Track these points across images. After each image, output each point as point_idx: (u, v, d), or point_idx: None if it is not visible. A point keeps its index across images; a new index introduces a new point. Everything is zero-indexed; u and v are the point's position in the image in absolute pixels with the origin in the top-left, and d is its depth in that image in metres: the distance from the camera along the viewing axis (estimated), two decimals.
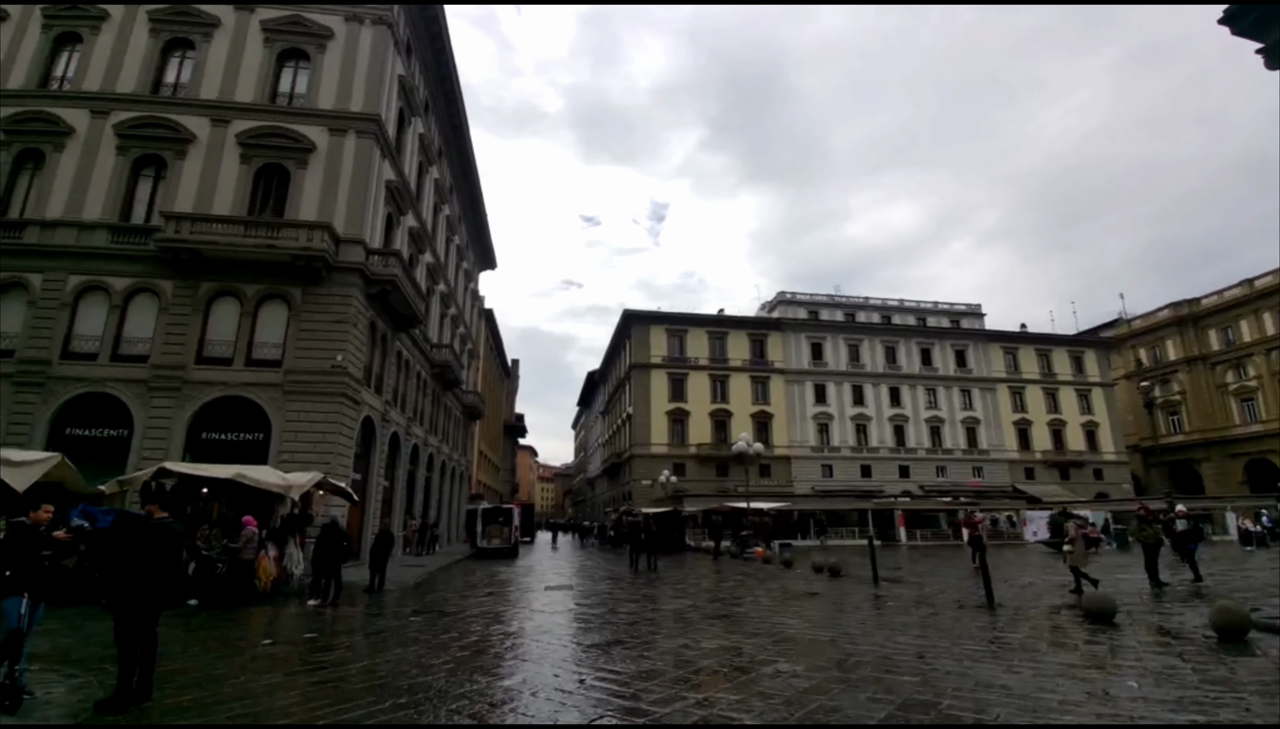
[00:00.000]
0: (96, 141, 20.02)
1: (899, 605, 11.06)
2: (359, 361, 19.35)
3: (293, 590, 13.23)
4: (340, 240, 19.07)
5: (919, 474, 55.61)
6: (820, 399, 56.22)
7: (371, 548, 14.73)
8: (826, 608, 10.89)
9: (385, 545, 14.46)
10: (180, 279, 18.48)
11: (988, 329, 62.26)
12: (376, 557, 14.23)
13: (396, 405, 24.27)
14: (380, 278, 19.68)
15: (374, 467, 21.48)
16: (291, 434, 17.54)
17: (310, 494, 14.37)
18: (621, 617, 10.05)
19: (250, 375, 17.93)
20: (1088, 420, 61.19)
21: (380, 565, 14.17)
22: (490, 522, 29.54)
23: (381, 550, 14.31)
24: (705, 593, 13.47)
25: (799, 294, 62.20)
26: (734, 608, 10.89)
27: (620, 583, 16.04)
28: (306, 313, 18.50)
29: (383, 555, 14.28)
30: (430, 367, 29.70)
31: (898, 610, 10.42)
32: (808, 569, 18.93)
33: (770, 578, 16.67)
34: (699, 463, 52.01)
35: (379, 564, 14.14)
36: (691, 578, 17.45)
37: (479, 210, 40.99)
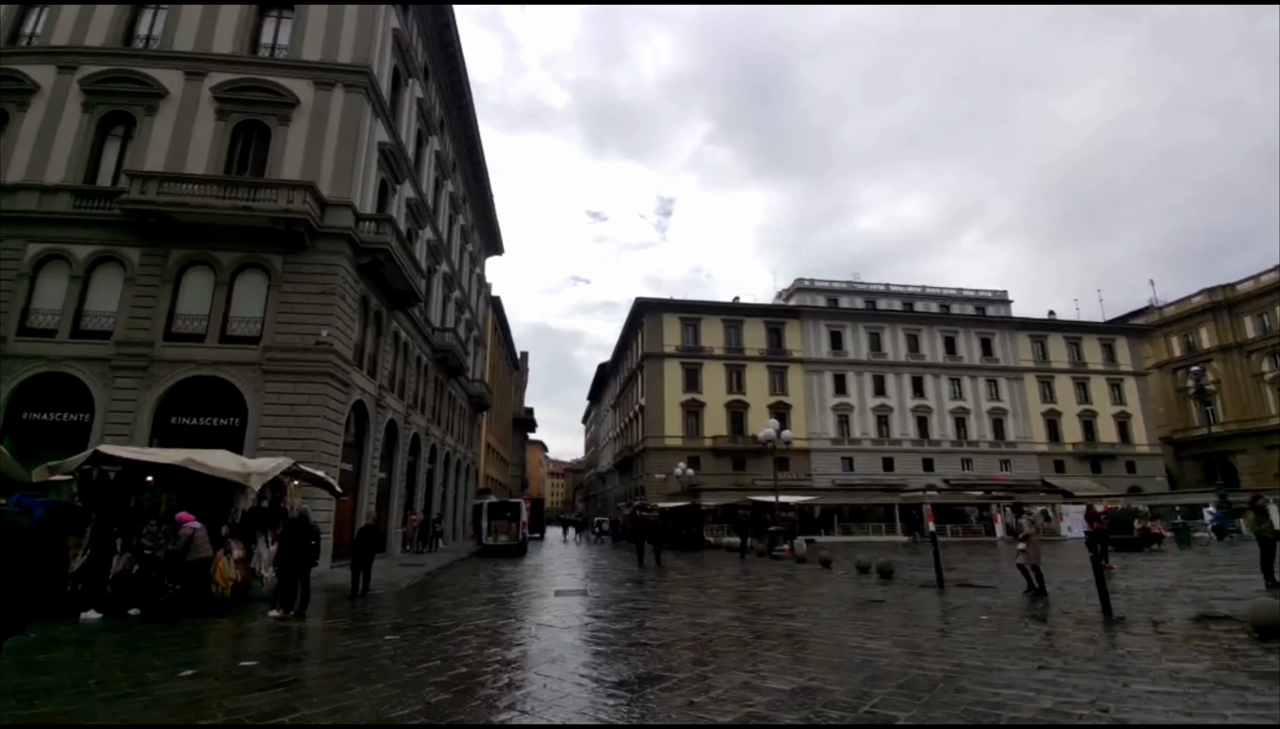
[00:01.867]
0: (62, 99, 18.18)
1: (997, 618, 8.95)
2: (348, 339, 17.41)
3: (261, 594, 11.31)
4: (326, 203, 17.10)
5: (944, 467, 53.28)
6: (840, 390, 53.95)
7: (351, 545, 12.78)
8: (903, 622, 8.79)
9: (369, 544, 12.52)
10: (148, 246, 16.60)
11: (1015, 316, 59.68)
12: (359, 557, 12.30)
13: (394, 391, 22.33)
14: (371, 246, 17.71)
15: (368, 457, 19.56)
16: (270, 418, 15.62)
17: (284, 485, 12.43)
18: (651, 635, 8.00)
19: (225, 353, 16.02)
20: (1120, 411, 58.55)
21: (363, 567, 12.24)
22: (497, 517, 27.59)
23: (365, 550, 12.37)
24: (745, 600, 11.39)
25: (817, 281, 59.86)
26: (788, 622, 8.81)
27: (642, 587, 14.02)
28: (288, 283, 16.56)
29: (366, 556, 12.34)
30: (432, 351, 27.76)
31: (1003, 627, 8.30)
32: (850, 569, 16.85)
33: (813, 581, 14.58)
34: (714, 456, 49.95)
35: (362, 565, 12.22)
36: (722, 580, 15.39)
37: (485, 191, 38.99)
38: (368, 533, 12.69)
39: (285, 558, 9.59)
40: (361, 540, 12.54)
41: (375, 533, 12.75)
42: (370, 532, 12.78)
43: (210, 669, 6.36)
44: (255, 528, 11.44)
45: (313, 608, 10.71)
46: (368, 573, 12.38)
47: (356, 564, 12.19)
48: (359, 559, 12.21)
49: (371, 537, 12.70)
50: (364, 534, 12.64)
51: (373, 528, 12.90)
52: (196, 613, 9.66)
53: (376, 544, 12.80)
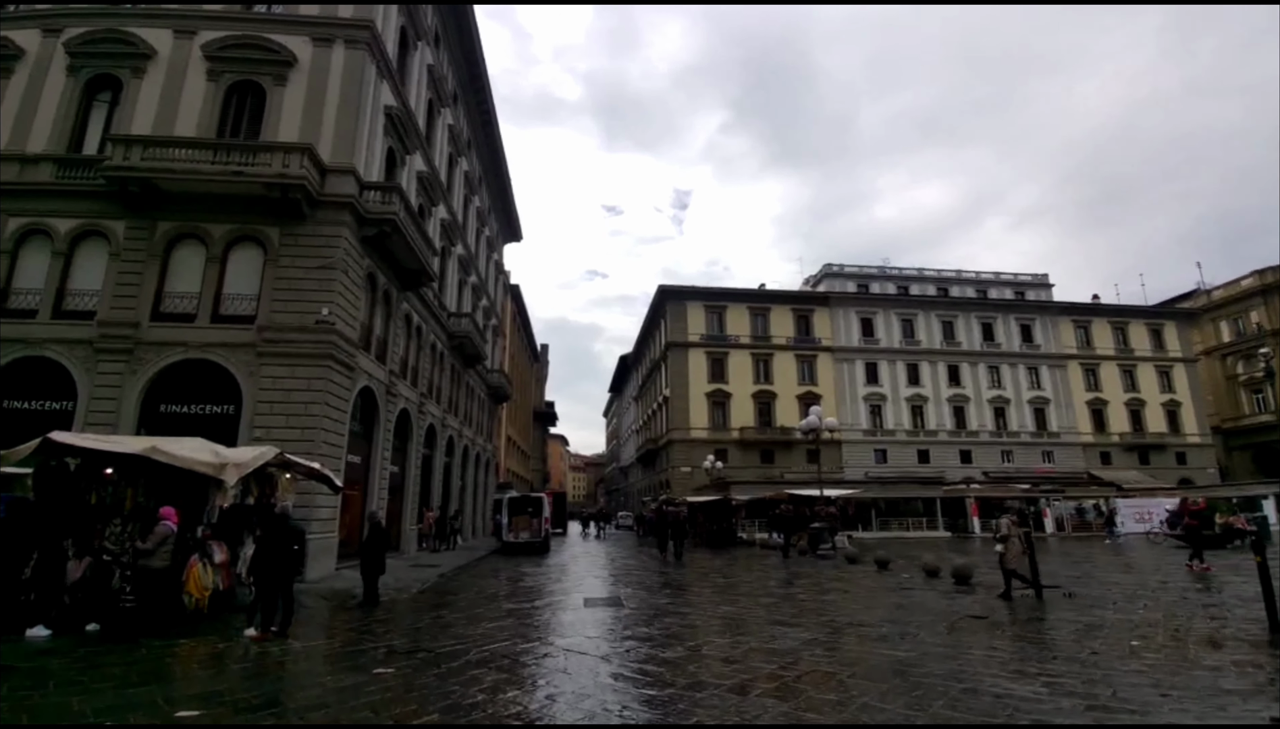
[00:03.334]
0: (46, 63, 16.84)
1: (1148, 641, 7.05)
2: (353, 319, 15.83)
3: (248, 603, 9.73)
4: (326, 170, 15.51)
5: (982, 459, 50.76)
6: (872, 379, 51.61)
7: (360, 548, 11.21)
8: (1032, 648, 6.92)
9: (378, 545, 10.97)
10: (133, 219, 15.16)
11: (1056, 301, 56.78)
12: (368, 560, 10.77)
13: (406, 378, 20.79)
14: (377, 216, 16.10)
15: (377, 448, 18.03)
16: (266, 405, 14.10)
17: (274, 478, 10.86)
18: (714, 669, 6.22)
19: (217, 334, 14.52)
20: (1169, 399, 55.43)
21: (374, 571, 10.72)
22: (518, 512, 25.99)
23: (374, 552, 10.82)
24: (813, 614, 9.54)
25: (847, 266, 57.53)
26: (886, 649, 6.89)
27: (683, 594, 12.23)
28: (285, 257, 15.00)
29: (377, 558, 10.80)
30: (448, 338, 26.21)
31: (1165, 653, 6.41)
32: (913, 571, 14.94)
33: (879, 586, 12.70)
34: (742, 448, 48.03)
35: (372, 569, 10.70)
36: (772, 585, 13.57)
37: (502, 172, 37.34)
38: (375, 533, 11.12)
39: (263, 565, 7.98)
40: (370, 541, 10.99)
41: (381, 532, 11.16)
42: (377, 531, 11.19)
43: (137, 718, 4.74)
44: (240, 528, 9.88)
45: (305, 620, 9.13)
46: (375, 578, 10.84)
47: (367, 568, 10.67)
48: (369, 563, 10.69)
49: (379, 537, 11.12)
50: (372, 535, 11.09)
51: (378, 526, 11.30)
52: (163, 630, 8.11)
53: (383, 545, 11.19)
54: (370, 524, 11.36)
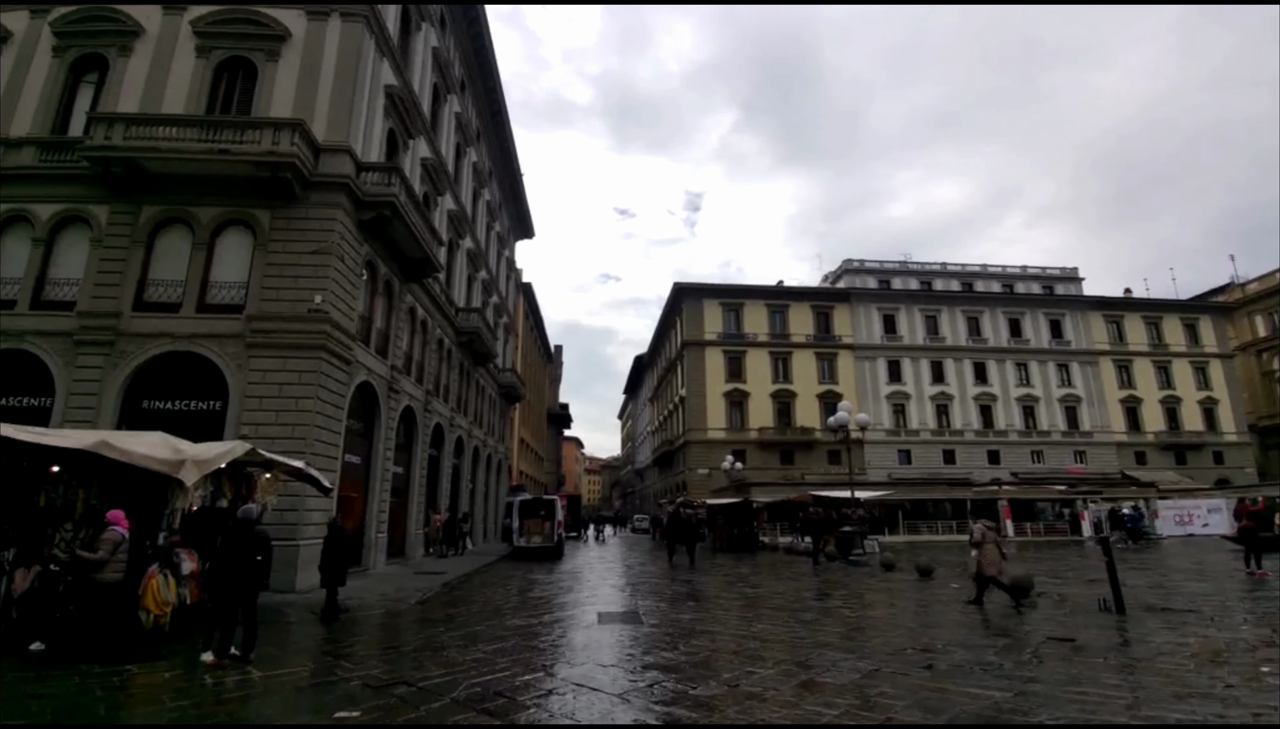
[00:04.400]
0: (33, 45, 16.03)
1: None
2: (349, 309, 14.76)
3: None
4: (320, 149, 14.46)
5: (1011, 460, 48.92)
6: (895, 377, 49.99)
7: (323, 553, 10.10)
8: (1160, 684, 5.60)
9: (339, 548, 9.87)
10: (117, 202, 14.21)
11: (1087, 295, 54.71)
12: (329, 566, 9.69)
13: (410, 375, 19.72)
14: (375, 198, 15.03)
15: (378, 447, 16.96)
16: (255, 400, 13.04)
17: (254, 480, 9.76)
18: (764, 715, 4.97)
19: (203, 324, 13.50)
20: (1205, 397, 53.23)
21: (334, 578, 9.63)
22: (529, 515, 24.81)
23: (333, 560, 9.73)
24: (866, 635, 8.20)
25: (868, 262, 55.91)
26: (973, 689, 5.59)
27: (708, 609, 10.95)
28: (276, 242, 13.97)
29: (338, 564, 9.72)
30: (456, 334, 25.15)
31: None
32: (962, 582, 13.55)
33: (930, 601, 11.32)
34: (760, 449, 46.64)
35: (332, 577, 9.61)
36: (808, 596, 12.24)
37: (512, 166, 36.31)
38: (335, 536, 10.02)
39: (220, 578, 6.84)
40: (330, 545, 9.89)
41: (340, 535, 10.02)
42: (337, 533, 10.08)
43: None
44: (213, 535, 8.77)
45: (278, 639, 8.00)
46: (335, 586, 9.76)
47: (327, 575, 9.60)
48: (329, 569, 9.61)
49: (339, 540, 10.00)
50: (332, 538, 10.00)
51: (338, 529, 10.16)
52: (114, 652, 7.02)
53: (344, 549, 10.06)
54: (330, 528, 10.24)
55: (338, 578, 9.76)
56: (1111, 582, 9.38)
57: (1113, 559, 9.49)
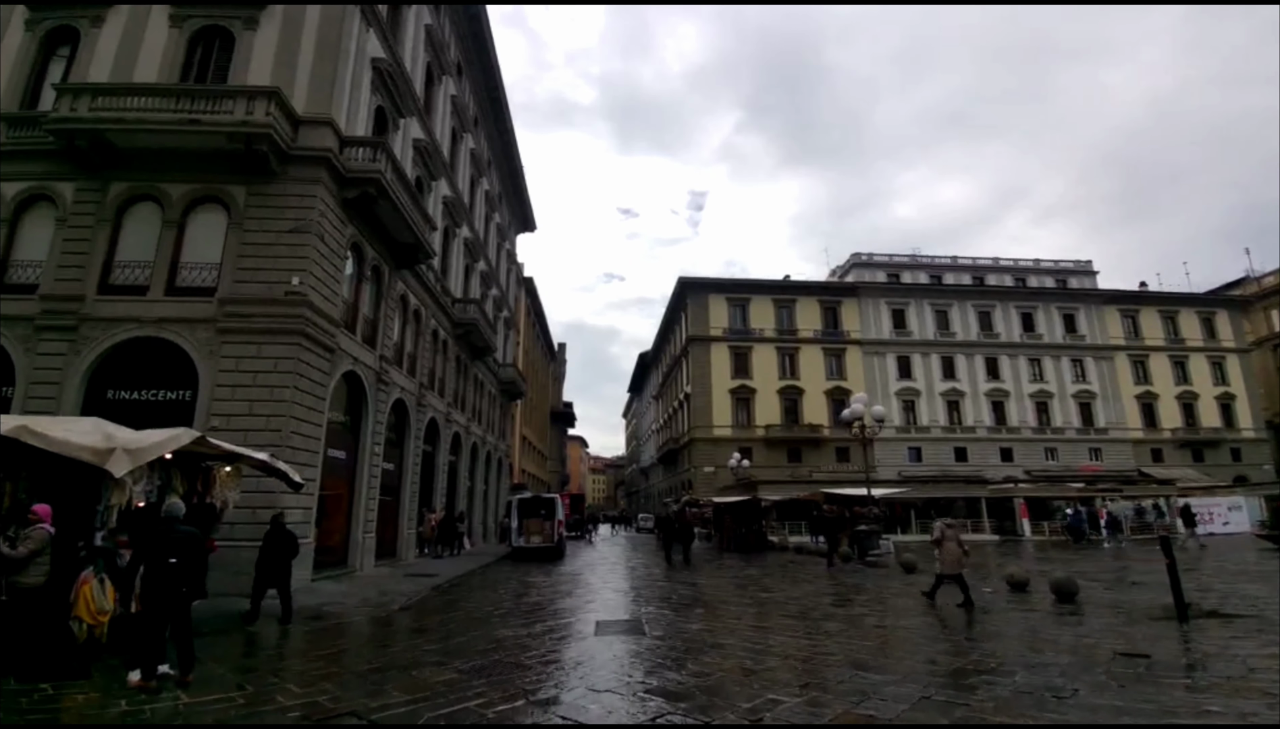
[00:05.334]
0: (6, 19, 15.16)
1: None
2: (332, 293, 13.79)
3: None
4: (300, 120, 13.49)
5: (1024, 457, 47.69)
6: (905, 373, 48.79)
7: (260, 551, 9.15)
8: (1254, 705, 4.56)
9: (278, 550, 8.95)
10: (84, 179, 13.28)
11: (1101, 289, 53.41)
12: (263, 569, 8.80)
13: (401, 366, 18.75)
14: (360, 176, 14.05)
15: (366, 442, 15.99)
16: (227, 389, 12.08)
17: (214, 474, 8.78)
18: None
19: (172, 308, 12.54)
20: (1222, 392, 51.87)
21: (265, 583, 8.86)
22: (529, 515, 23.79)
23: (271, 559, 8.84)
24: (904, 649, 7.15)
25: (876, 255, 54.74)
26: (1065, 718, 4.55)
27: (720, 615, 9.92)
28: (252, 220, 13.00)
29: (274, 566, 8.82)
30: (452, 326, 24.18)
31: None
32: (995, 585, 12.48)
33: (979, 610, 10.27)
34: (767, 446, 45.53)
35: (264, 580, 8.86)
36: (827, 603, 11.19)
37: (513, 156, 35.31)
38: (275, 534, 9.09)
39: (149, 588, 5.84)
40: (270, 544, 8.96)
41: (283, 534, 9.05)
42: (278, 532, 9.16)
43: None
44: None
45: (227, 652, 7.03)
46: (286, 591, 8.88)
47: (261, 577, 8.72)
48: (265, 570, 8.73)
49: (281, 539, 9.06)
50: (272, 536, 9.09)
51: (280, 528, 9.19)
52: (36, 667, 6.06)
53: (287, 550, 9.11)
54: (272, 525, 9.27)
55: (280, 580, 8.85)
56: (1173, 586, 8.32)
57: (1174, 560, 8.42)
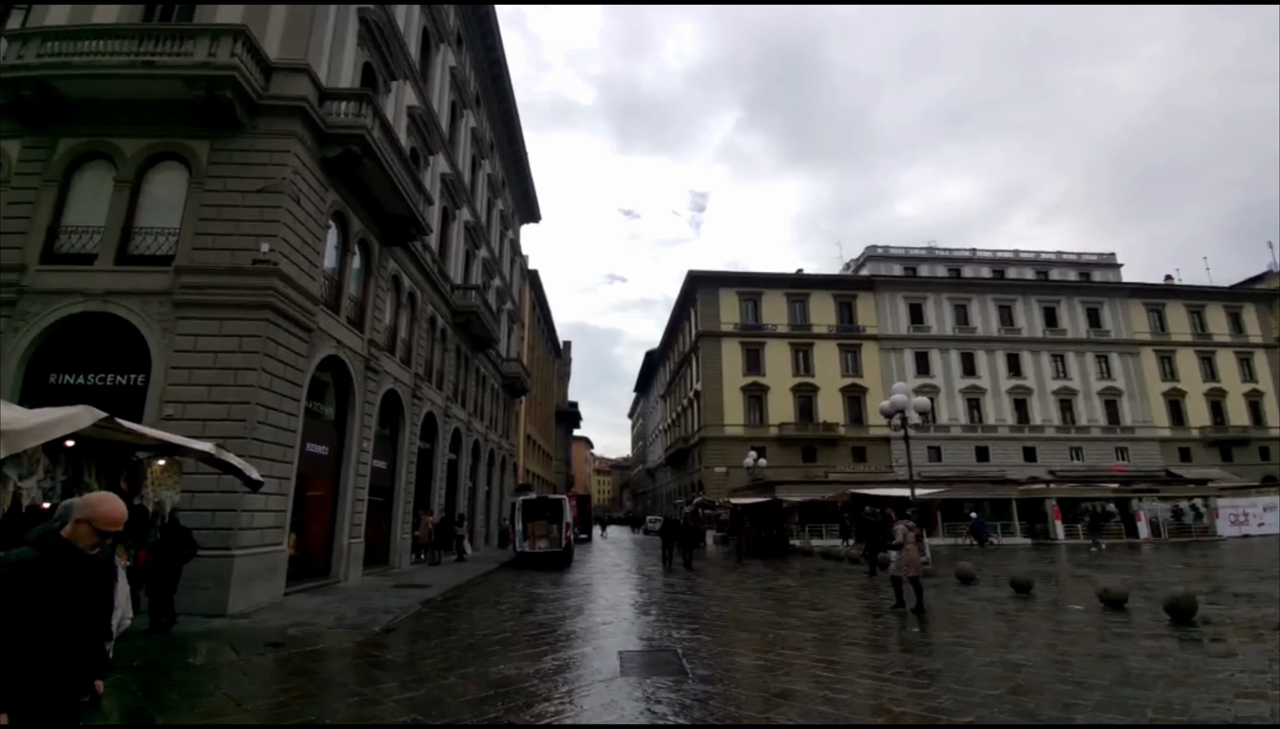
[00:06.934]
0: None
1: None
2: (310, 266, 12.08)
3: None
4: (272, 67, 11.80)
5: (1048, 457, 45.82)
6: (923, 369, 46.93)
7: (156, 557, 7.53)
8: None
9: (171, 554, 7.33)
10: (31, 135, 11.61)
11: (1126, 282, 51.45)
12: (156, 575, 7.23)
13: (394, 354, 17.07)
14: (342, 131, 12.34)
15: (352, 436, 14.27)
16: (183, 371, 10.38)
17: (143, 469, 7.07)
18: None
19: (124, 279, 10.84)
20: (1250, 389, 49.95)
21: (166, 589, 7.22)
22: (534, 517, 22.05)
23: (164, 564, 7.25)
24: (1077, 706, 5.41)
25: (892, 248, 52.88)
26: None
27: (774, 643, 8.13)
28: (215, 178, 11.30)
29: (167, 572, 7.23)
30: (451, 314, 22.48)
31: None
32: (1084, 600, 10.71)
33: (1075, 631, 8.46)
34: (781, 446, 43.73)
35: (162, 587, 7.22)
36: (895, 625, 9.43)
37: (517, 142, 33.63)
38: (172, 534, 7.46)
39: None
40: (163, 548, 7.37)
41: (179, 533, 7.41)
42: (174, 533, 7.52)
43: None
44: None
45: (139, 692, 5.31)
46: (167, 598, 7.45)
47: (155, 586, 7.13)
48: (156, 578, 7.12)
49: (175, 540, 7.41)
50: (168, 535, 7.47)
51: (176, 528, 7.54)
52: None
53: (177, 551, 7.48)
54: (168, 522, 7.60)
55: (163, 584, 7.38)
56: None
57: None
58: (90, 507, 2.61)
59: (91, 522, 2.56)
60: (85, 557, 2.55)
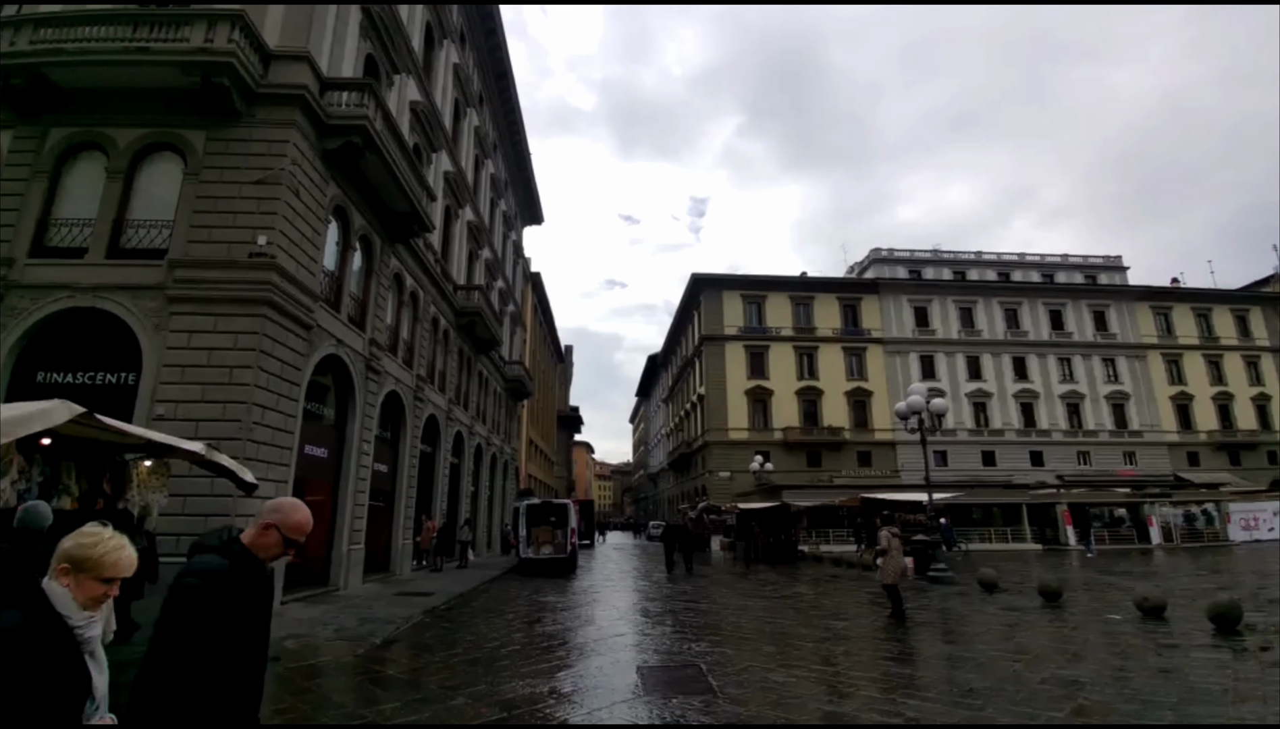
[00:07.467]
0: None
1: None
2: (310, 261, 11.64)
3: None
4: (272, 55, 11.39)
5: (1055, 461, 45.27)
6: (928, 372, 46.41)
7: None
8: None
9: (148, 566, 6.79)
10: (22, 126, 11.19)
11: (1132, 285, 51.03)
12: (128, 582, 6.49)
13: (396, 355, 16.62)
14: (343, 122, 11.92)
15: (353, 439, 13.80)
16: (176, 370, 9.92)
17: (129, 471, 6.61)
18: None
19: (115, 273, 10.39)
20: (1258, 393, 49.43)
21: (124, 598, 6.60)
22: (538, 522, 21.55)
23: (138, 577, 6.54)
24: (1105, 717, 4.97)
25: (897, 251, 52.50)
26: None
27: (803, 656, 7.65)
28: (212, 169, 10.87)
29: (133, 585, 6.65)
30: (454, 315, 22.04)
31: None
32: (1121, 609, 10.22)
33: (1127, 644, 7.94)
34: (785, 450, 43.20)
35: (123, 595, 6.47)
36: (938, 639, 8.94)
37: (520, 142, 33.26)
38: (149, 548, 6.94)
39: None
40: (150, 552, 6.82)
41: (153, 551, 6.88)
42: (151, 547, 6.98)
43: None
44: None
45: None
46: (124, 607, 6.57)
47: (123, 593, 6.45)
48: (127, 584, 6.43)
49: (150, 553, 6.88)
50: None
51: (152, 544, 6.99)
52: None
53: None
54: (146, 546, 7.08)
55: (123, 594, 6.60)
56: None
57: None
58: (283, 512, 2.31)
59: (282, 528, 2.27)
60: (265, 567, 2.29)
